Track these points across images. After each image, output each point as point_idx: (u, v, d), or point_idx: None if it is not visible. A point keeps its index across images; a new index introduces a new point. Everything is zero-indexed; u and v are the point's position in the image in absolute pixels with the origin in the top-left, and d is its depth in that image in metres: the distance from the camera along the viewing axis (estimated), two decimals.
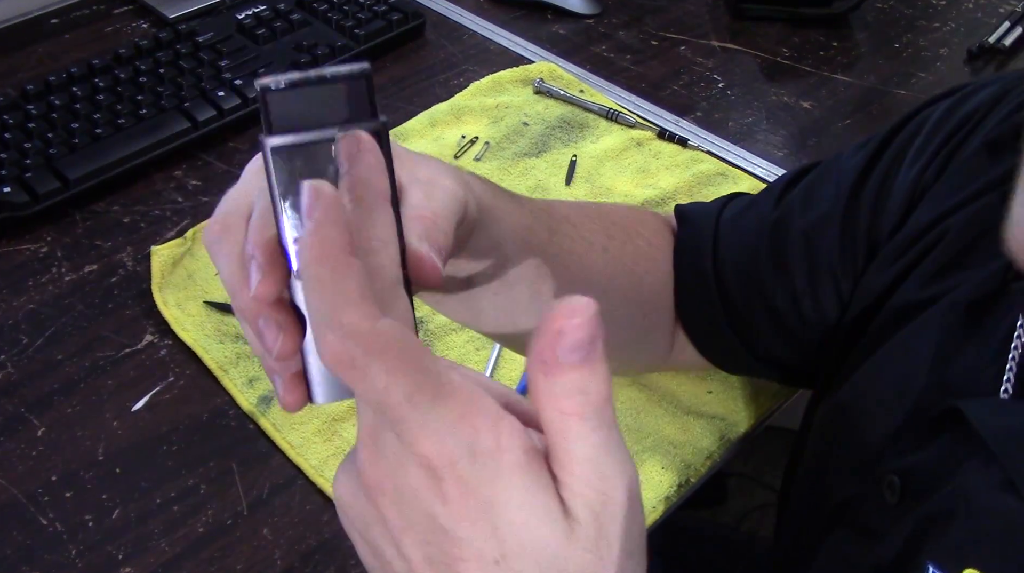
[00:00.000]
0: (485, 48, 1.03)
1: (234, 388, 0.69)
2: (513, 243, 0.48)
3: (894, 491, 0.48)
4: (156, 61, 0.92)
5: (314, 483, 0.64)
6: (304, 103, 0.32)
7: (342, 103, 0.32)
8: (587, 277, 0.55)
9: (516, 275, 0.49)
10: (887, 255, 0.56)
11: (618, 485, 0.30)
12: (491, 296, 0.49)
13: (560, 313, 0.27)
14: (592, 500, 0.29)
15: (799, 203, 0.61)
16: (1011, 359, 0.45)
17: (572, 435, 0.29)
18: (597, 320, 0.28)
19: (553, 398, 0.29)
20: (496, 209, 0.46)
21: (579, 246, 0.55)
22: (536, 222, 0.51)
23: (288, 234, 0.33)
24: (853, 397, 0.54)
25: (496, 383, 0.32)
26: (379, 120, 0.33)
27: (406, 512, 0.30)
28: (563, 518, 0.29)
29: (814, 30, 1.06)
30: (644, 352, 0.65)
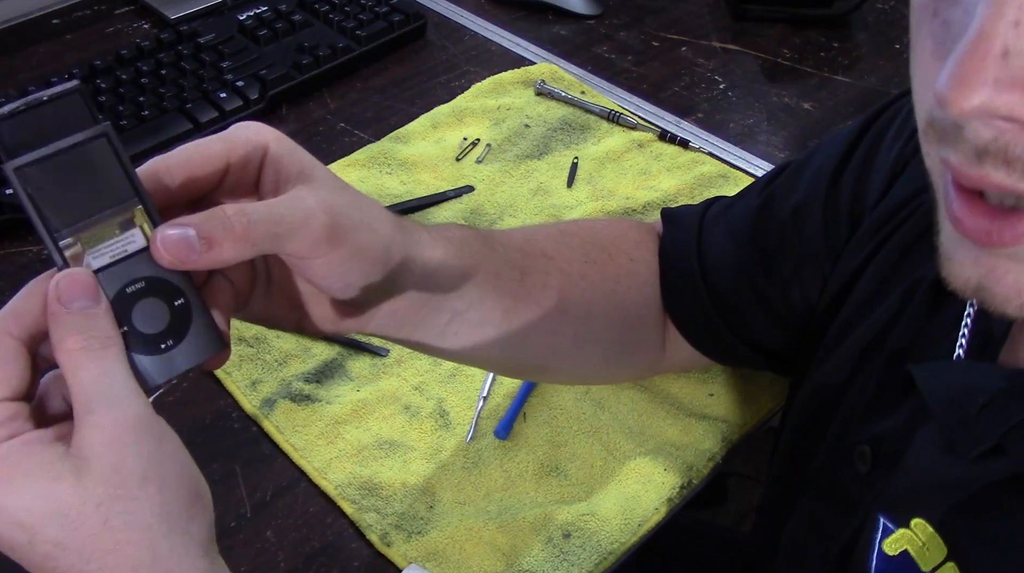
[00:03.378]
0: (486, 49, 1.03)
1: (237, 391, 0.69)
2: (476, 289, 0.51)
3: (865, 460, 0.49)
4: (158, 62, 0.92)
5: (317, 485, 0.64)
6: (32, 125, 0.37)
7: (64, 117, 0.37)
8: (564, 308, 0.57)
9: (480, 318, 0.52)
10: (865, 232, 0.56)
11: (126, 413, 0.36)
12: (453, 339, 0.51)
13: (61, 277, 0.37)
14: (96, 434, 0.35)
15: (782, 190, 0.62)
16: (964, 325, 0.46)
17: (77, 367, 0.36)
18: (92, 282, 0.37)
19: (61, 341, 0.36)
20: (448, 259, 0.49)
21: (555, 279, 0.57)
22: (506, 267, 0.54)
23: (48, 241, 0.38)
24: (831, 372, 0.56)
25: None
26: (99, 126, 0.38)
27: None
28: (70, 469, 0.35)
29: (815, 31, 1.06)
30: (633, 362, 0.66)
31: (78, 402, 0.36)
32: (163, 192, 0.39)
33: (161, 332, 0.39)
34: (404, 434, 0.68)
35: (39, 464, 0.35)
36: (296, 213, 0.39)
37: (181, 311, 0.39)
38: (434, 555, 0.61)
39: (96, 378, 0.36)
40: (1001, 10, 0.28)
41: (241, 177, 0.41)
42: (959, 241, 0.35)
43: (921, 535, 0.44)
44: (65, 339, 0.36)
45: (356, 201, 0.43)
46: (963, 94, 0.29)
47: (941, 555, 0.43)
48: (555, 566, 0.61)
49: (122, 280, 0.38)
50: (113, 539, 0.35)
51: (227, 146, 0.40)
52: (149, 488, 0.36)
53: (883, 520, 0.46)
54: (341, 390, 0.70)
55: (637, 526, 0.63)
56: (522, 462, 0.66)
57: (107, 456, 0.35)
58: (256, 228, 0.38)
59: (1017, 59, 0.29)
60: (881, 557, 0.46)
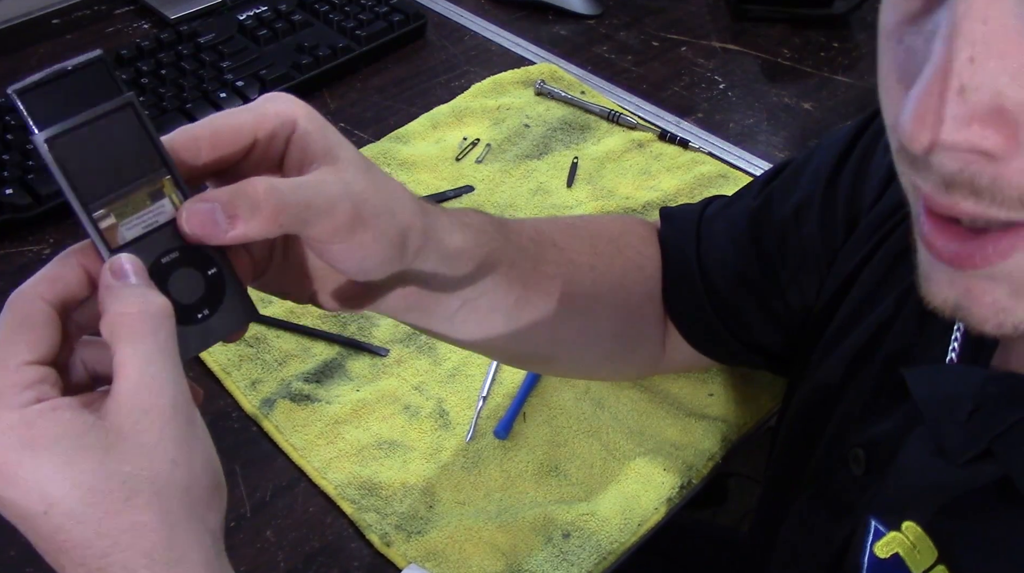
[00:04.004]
0: (486, 49, 1.03)
1: (237, 390, 0.69)
2: (488, 277, 0.51)
3: (859, 463, 0.49)
4: (158, 62, 0.92)
5: (317, 485, 0.64)
6: (57, 97, 0.37)
7: (89, 88, 0.37)
8: (572, 298, 0.57)
9: (491, 305, 0.52)
10: (861, 234, 0.57)
11: (166, 394, 0.35)
12: (463, 324, 0.52)
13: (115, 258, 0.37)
14: (134, 413, 0.34)
15: (780, 191, 0.62)
16: (956, 329, 0.47)
17: (131, 335, 0.35)
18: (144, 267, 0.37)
19: (114, 304, 0.35)
20: (466, 246, 0.48)
21: (564, 270, 0.57)
22: (520, 256, 0.53)
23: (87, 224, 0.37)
24: (827, 374, 0.56)
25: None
26: (124, 95, 0.37)
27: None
28: (99, 441, 0.34)
29: (815, 31, 1.06)
30: (636, 358, 0.66)
31: (122, 373, 0.35)
32: (189, 163, 0.39)
33: (197, 302, 0.39)
34: (404, 434, 0.68)
35: (66, 432, 0.34)
36: (321, 198, 0.39)
37: (215, 281, 0.39)
38: (434, 555, 0.61)
39: (146, 351, 0.35)
40: (956, 48, 0.29)
41: (267, 151, 0.41)
42: (934, 263, 0.36)
43: (912, 538, 0.44)
44: (119, 305, 0.35)
45: (380, 186, 0.42)
46: (923, 131, 0.30)
47: (931, 558, 0.43)
48: (555, 566, 0.61)
49: (156, 251, 0.38)
50: (132, 519, 0.34)
51: (256, 119, 0.40)
52: (177, 472, 0.35)
53: (874, 523, 0.46)
54: (341, 390, 0.70)
55: (637, 526, 0.63)
56: (522, 462, 0.66)
57: (140, 435, 0.34)
58: (284, 210, 0.38)
59: (973, 95, 0.29)
60: (872, 560, 0.46)
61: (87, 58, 0.37)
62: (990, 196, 0.31)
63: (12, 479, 0.34)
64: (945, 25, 0.30)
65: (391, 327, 0.74)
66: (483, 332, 0.53)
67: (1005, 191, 0.31)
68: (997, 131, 0.30)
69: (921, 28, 0.33)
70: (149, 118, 0.38)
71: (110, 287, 0.36)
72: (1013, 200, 0.31)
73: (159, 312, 0.36)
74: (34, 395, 0.35)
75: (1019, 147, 0.30)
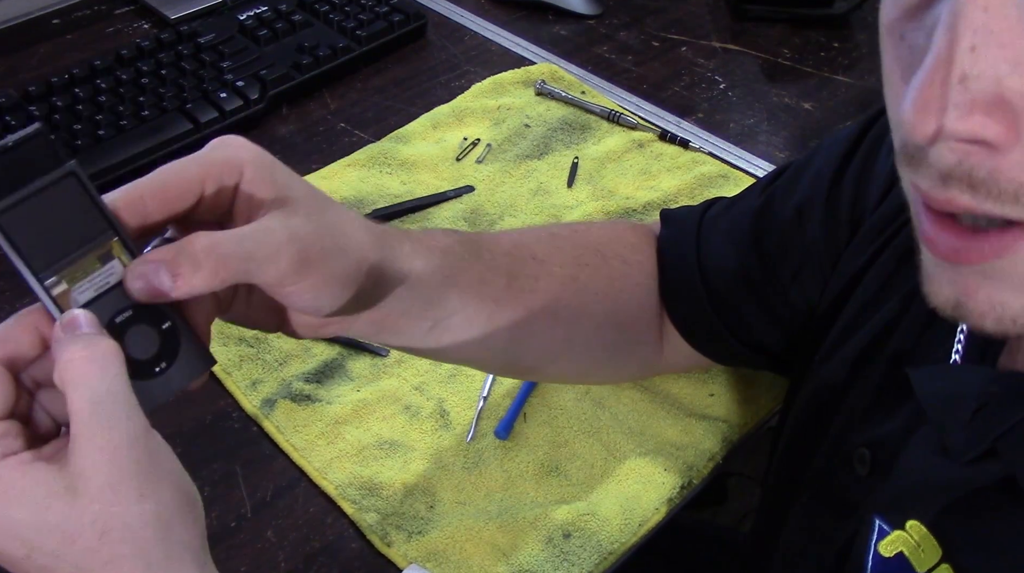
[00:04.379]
0: (486, 49, 1.03)
1: (237, 391, 0.69)
2: (457, 296, 0.52)
3: (864, 463, 0.49)
4: (158, 62, 0.92)
5: (317, 485, 0.64)
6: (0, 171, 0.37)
7: (31, 160, 0.38)
8: (553, 311, 0.57)
9: (463, 324, 0.53)
10: (865, 234, 0.56)
11: (121, 430, 0.36)
12: (436, 343, 0.52)
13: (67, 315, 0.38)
14: (93, 454, 0.36)
15: (782, 191, 0.62)
16: (959, 330, 0.47)
17: (80, 380, 0.36)
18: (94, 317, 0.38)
19: (65, 354, 0.37)
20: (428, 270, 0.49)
21: (544, 283, 0.57)
22: (491, 273, 0.54)
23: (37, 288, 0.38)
24: (831, 374, 0.56)
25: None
26: (66, 166, 0.38)
27: None
28: (65, 487, 0.36)
29: (815, 31, 1.06)
30: (630, 363, 0.66)
31: (77, 417, 0.37)
32: (139, 219, 0.40)
33: (154, 357, 0.40)
34: (404, 434, 0.68)
35: (35, 483, 0.36)
36: (265, 247, 0.40)
37: (169, 334, 0.41)
38: (434, 555, 0.61)
39: (95, 392, 0.37)
40: (957, 36, 0.29)
41: (216, 200, 0.42)
42: (935, 261, 0.36)
43: (916, 537, 0.44)
44: (67, 352, 0.37)
45: (330, 225, 0.43)
46: (925, 120, 0.30)
47: (936, 557, 0.43)
48: (555, 566, 0.61)
49: (110, 311, 0.39)
50: (109, 552, 0.36)
51: (202, 171, 0.41)
52: (145, 504, 0.37)
53: (879, 522, 0.46)
54: (341, 390, 0.70)
55: (637, 526, 0.63)
56: (522, 462, 0.66)
57: (103, 474, 0.36)
58: (225, 265, 0.39)
59: (975, 83, 0.29)
60: (877, 559, 0.46)
61: (26, 133, 0.38)
62: (986, 190, 0.32)
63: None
64: (946, 14, 0.30)
65: None
66: (459, 348, 0.54)
67: (1002, 184, 0.31)
68: (998, 121, 0.30)
69: (922, 22, 0.33)
70: (92, 184, 0.39)
71: (58, 340, 0.38)
72: (1009, 194, 0.31)
73: (105, 353, 0.38)
74: (0, 450, 0.36)
75: (1019, 138, 0.30)
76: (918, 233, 0.36)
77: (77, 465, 0.36)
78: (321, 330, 0.48)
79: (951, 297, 0.36)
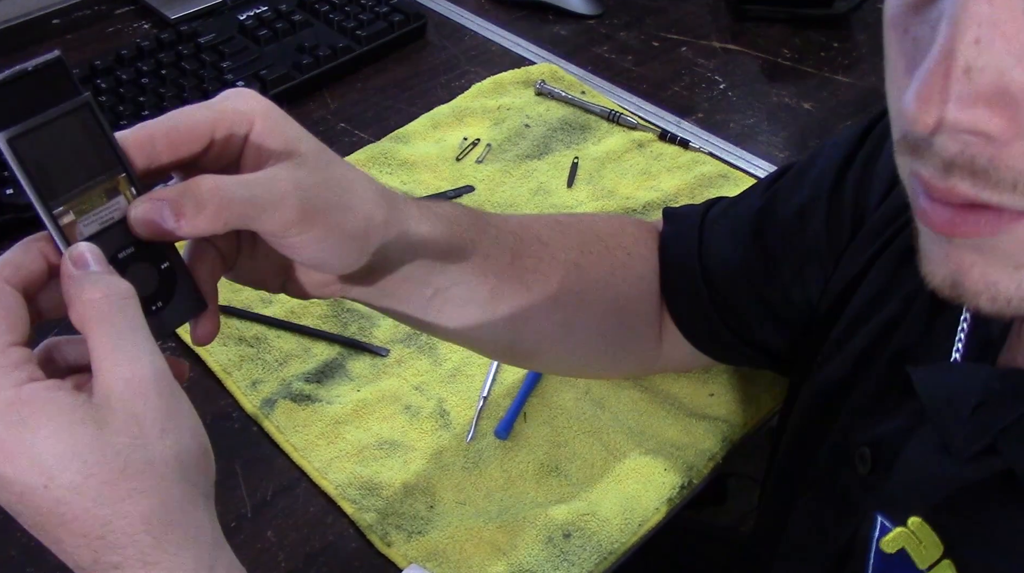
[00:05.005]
0: (486, 49, 1.03)
1: (237, 390, 0.69)
2: (460, 266, 0.52)
3: (865, 462, 0.49)
4: (158, 62, 0.92)
5: (317, 485, 0.64)
6: (16, 97, 0.37)
7: (47, 88, 0.38)
8: (554, 293, 0.57)
9: (465, 295, 0.53)
10: (867, 234, 0.57)
11: (147, 366, 0.36)
12: (437, 314, 0.52)
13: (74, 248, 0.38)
14: (119, 386, 0.36)
15: (785, 191, 0.62)
16: (960, 329, 0.47)
17: (101, 318, 0.36)
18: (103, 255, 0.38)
19: (81, 294, 0.36)
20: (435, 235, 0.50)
21: (546, 265, 0.57)
22: (496, 248, 0.54)
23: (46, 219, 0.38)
24: (833, 373, 0.56)
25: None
26: (81, 96, 0.39)
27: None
28: (92, 415, 0.35)
29: (815, 31, 1.06)
30: (627, 357, 0.66)
31: (99, 352, 0.36)
32: (147, 160, 0.40)
33: (151, 294, 0.40)
34: (404, 434, 0.68)
35: (61, 409, 0.35)
36: (268, 194, 0.40)
37: (167, 274, 0.41)
38: (435, 555, 0.61)
39: (118, 329, 0.37)
40: (962, 28, 0.30)
41: (225, 147, 0.42)
42: (932, 239, 0.36)
43: (918, 533, 0.44)
44: (86, 292, 0.37)
45: (337, 181, 0.43)
46: (927, 110, 0.31)
47: (937, 553, 0.43)
48: (555, 566, 0.61)
49: (113, 246, 0.39)
50: (129, 486, 0.36)
51: (213, 118, 0.41)
52: (167, 439, 0.37)
53: (880, 519, 0.46)
54: (341, 390, 0.70)
55: (637, 526, 0.63)
56: (522, 462, 0.66)
57: (128, 406, 0.36)
58: (228, 207, 0.39)
59: (978, 75, 0.30)
60: (879, 555, 0.46)
61: (45, 59, 0.38)
62: (986, 177, 0.32)
63: (11, 455, 0.35)
64: (951, 7, 0.30)
65: (392, 327, 0.74)
66: (459, 321, 0.54)
67: (1002, 172, 0.32)
68: (1000, 113, 0.30)
69: (927, 16, 0.33)
70: (105, 118, 0.39)
71: (73, 277, 0.37)
72: (1007, 183, 0.32)
73: (124, 293, 0.38)
74: (26, 374, 0.36)
75: (1019, 130, 0.31)
76: (915, 212, 0.36)
77: (103, 398, 0.36)
78: (325, 289, 0.48)
79: (947, 276, 0.36)
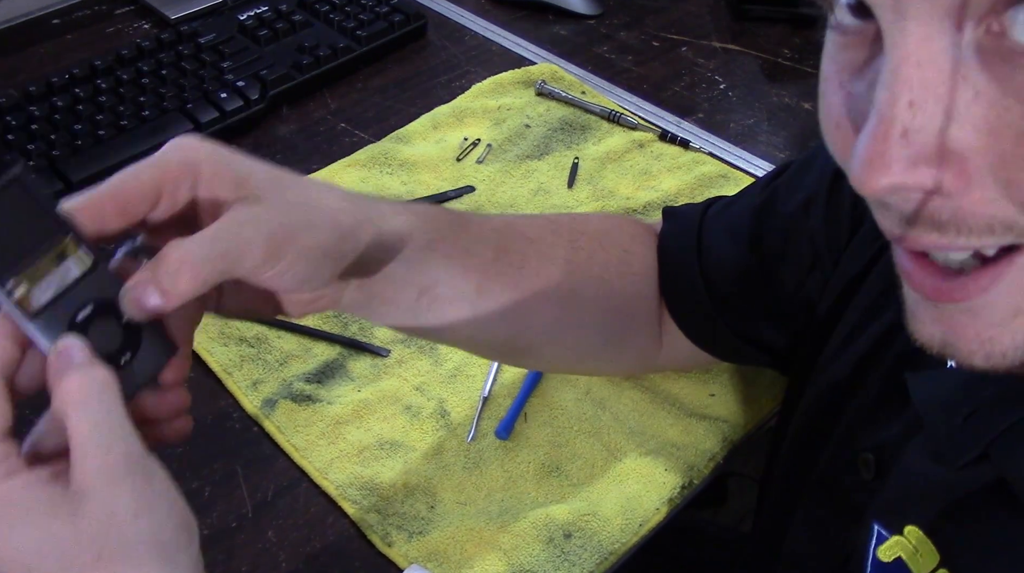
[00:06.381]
0: (487, 49, 1.03)
1: (238, 390, 0.69)
2: (442, 263, 0.52)
3: (869, 468, 0.49)
4: (158, 62, 0.92)
5: (318, 485, 0.64)
6: None
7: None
8: (543, 290, 0.57)
9: (451, 293, 0.53)
10: (865, 235, 0.57)
11: (120, 453, 0.38)
12: (425, 315, 0.53)
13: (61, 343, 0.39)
14: (91, 474, 0.37)
15: (784, 189, 0.62)
16: None
17: (76, 410, 0.38)
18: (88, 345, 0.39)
19: (62, 390, 0.38)
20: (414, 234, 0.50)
21: (533, 262, 0.57)
22: (478, 245, 0.54)
23: None
24: (834, 377, 0.56)
25: None
26: (11, 171, 0.38)
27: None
28: (66, 508, 0.37)
29: (815, 31, 1.05)
30: (626, 354, 0.66)
31: (76, 442, 0.38)
32: (98, 226, 0.40)
33: (118, 349, 0.41)
34: (405, 434, 0.68)
35: (37, 504, 0.37)
36: (236, 241, 0.41)
37: (130, 326, 0.41)
38: (435, 555, 0.61)
39: (93, 419, 0.38)
40: (896, 93, 0.30)
41: (174, 200, 0.42)
42: (918, 300, 0.36)
43: (914, 542, 0.44)
44: (63, 382, 0.38)
45: (295, 203, 0.44)
46: (872, 177, 0.31)
47: (934, 561, 0.43)
48: (556, 566, 0.61)
49: (71, 307, 0.40)
50: (108, 571, 0.37)
51: (158, 175, 0.42)
52: (140, 523, 0.37)
53: (877, 527, 0.46)
54: (342, 390, 0.70)
55: (638, 526, 0.63)
56: (523, 462, 0.66)
57: (101, 495, 0.37)
58: (202, 268, 0.40)
59: (917, 137, 0.30)
60: (876, 564, 0.46)
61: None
62: (955, 229, 0.32)
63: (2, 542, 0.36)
64: (884, 72, 0.30)
65: None
66: (452, 319, 0.54)
67: (968, 221, 0.32)
68: (946, 170, 0.30)
69: (864, 76, 0.33)
70: (39, 185, 0.39)
71: (56, 370, 0.39)
72: (980, 227, 0.32)
73: (101, 379, 0.39)
74: (3, 470, 0.37)
75: (970, 181, 0.31)
76: (898, 268, 0.37)
77: (76, 487, 0.37)
78: (315, 305, 0.48)
79: (936, 334, 0.36)
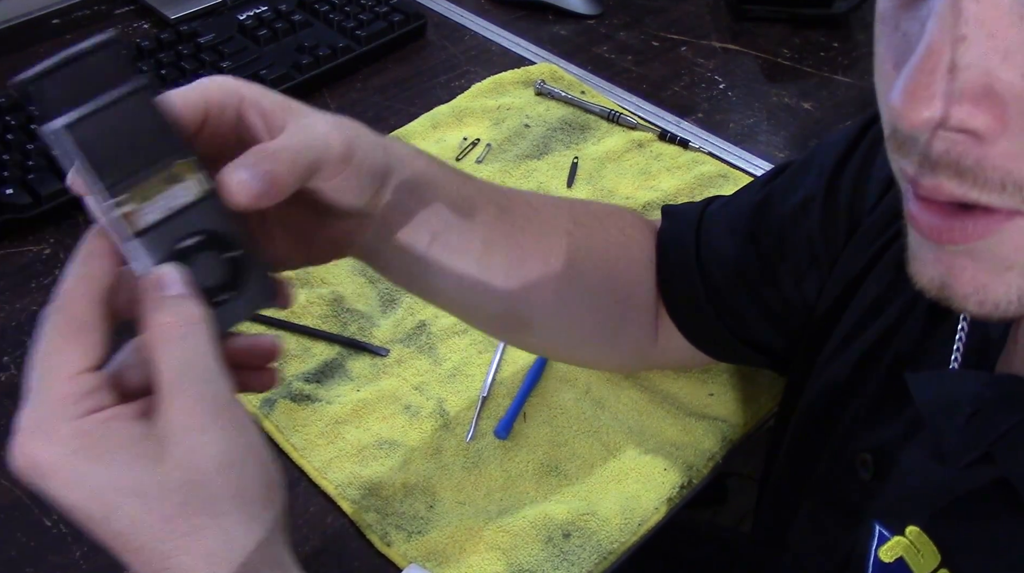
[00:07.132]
0: (486, 49, 1.03)
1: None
2: (452, 209, 0.52)
3: (867, 468, 0.49)
4: (158, 62, 0.92)
5: (317, 485, 0.64)
6: (69, 83, 0.35)
7: (100, 72, 0.35)
8: (545, 257, 0.57)
9: (460, 244, 0.52)
10: (864, 235, 0.56)
11: (210, 397, 0.36)
12: (435, 264, 0.52)
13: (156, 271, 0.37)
14: (181, 419, 0.35)
15: (781, 189, 0.62)
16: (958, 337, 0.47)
17: (167, 345, 0.36)
18: (185, 275, 0.37)
19: (153, 318, 0.36)
20: (428, 172, 0.51)
21: (535, 227, 0.57)
22: (482, 198, 0.54)
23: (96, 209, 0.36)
24: (833, 378, 0.56)
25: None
26: (140, 78, 0.36)
27: None
28: (151, 450, 0.35)
29: (815, 31, 1.06)
30: (623, 343, 0.65)
31: (163, 381, 0.36)
32: None
33: (218, 285, 0.38)
34: (404, 434, 0.68)
35: (121, 442, 0.35)
36: (317, 141, 0.41)
37: (237, 262, 0.39)
38: (434, 555, 0.61)
39: (183, 359, 0.36)
40: (948, 26, 0.30)
41: (219, 123, 0.41)
42: (921, 241, 0.36)
43: (915, 542, 0.44)
44: (157, 316, 0.36)
45: (343, 118, 0.45)
46: (914, 108, 0.30)
47: (935, 561, 0.43)
48: (555, 566, 0.61)
49: (175, 235, 0.37)
50: (189, 523, 0.35)
51: (201, 92, 0.41)
52: (227, 474, 0.36)
53: (878, 527, 0.46)
54: (341, 390, 0.70)
55: (637, 526, 0.63)
56: (522, 462, 0.66)
57: (188, 440, 0.35)
58: (298, 158, 0.40)
59: (964, 73, 0.30)
60: (877, 564, 0.46)
61: (100, 40, 0.36)
62: (973, 178, 0.32)
63: (74, 487, 0.35)
64: (939, 4, 0.30)
65: (391, 327, 0.74)
66: (456, 271, 0.53)
67: (988, 173, 0.31)
68: (986, 111, 0.30)
69: (917, 12, 0.33)
70: (163, 103, 0.37)
71: (150, 298, 0.37)
72: (995, 183, 0.32)
73: (197, 317, 0.37)
74: (90, 405, 0.36)
75: (1005, 128, 0.30)
76: (906, 214, 0.36)
77: (163, 430, 0.35)
78: (340, 244, 0.49)
79: (936, 277, 0.36)
